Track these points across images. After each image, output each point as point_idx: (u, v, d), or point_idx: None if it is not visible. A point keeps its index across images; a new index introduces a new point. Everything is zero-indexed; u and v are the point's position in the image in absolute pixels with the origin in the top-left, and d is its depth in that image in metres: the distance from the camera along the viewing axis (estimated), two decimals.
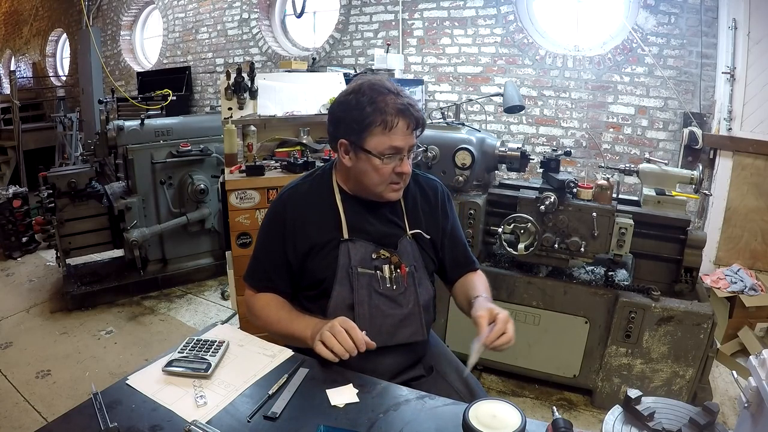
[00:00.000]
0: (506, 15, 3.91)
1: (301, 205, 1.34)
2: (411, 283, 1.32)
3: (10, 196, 4.04)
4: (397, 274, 1.31)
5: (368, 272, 1.29)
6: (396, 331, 1.30)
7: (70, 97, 7.40)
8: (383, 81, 1.26)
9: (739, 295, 2.69)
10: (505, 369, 2.48)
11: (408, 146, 1.25)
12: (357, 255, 1.29)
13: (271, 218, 1.38)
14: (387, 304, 1.29)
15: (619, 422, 0.87)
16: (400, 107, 1.21)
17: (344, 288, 1.28)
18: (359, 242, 1.31)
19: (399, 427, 0.96)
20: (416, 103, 1.27)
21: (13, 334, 2.99)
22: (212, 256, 3.84)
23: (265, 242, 1.38)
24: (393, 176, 1.27)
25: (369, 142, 1.23)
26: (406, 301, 1.31)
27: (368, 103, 1.21)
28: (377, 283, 1.29)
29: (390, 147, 1.23)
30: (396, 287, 1.30)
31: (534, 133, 3.95)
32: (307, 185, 1.39)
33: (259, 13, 5.36)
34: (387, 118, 1.21)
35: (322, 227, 1.32)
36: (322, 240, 1.31)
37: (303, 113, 2.65)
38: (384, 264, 1.30)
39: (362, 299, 1.27)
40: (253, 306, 1.37)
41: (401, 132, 1.23)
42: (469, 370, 1.23)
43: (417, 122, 1.25)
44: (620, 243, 2.12)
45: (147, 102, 4.18)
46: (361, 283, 1.28)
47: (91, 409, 0.98)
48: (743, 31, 2.95)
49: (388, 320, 1.29)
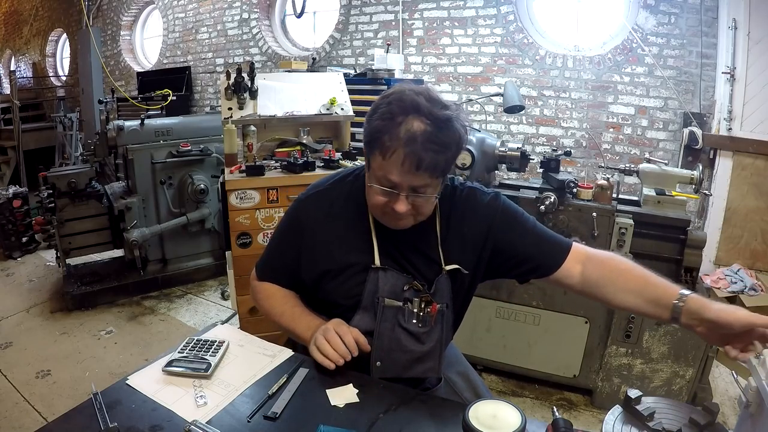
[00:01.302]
0: (506, 15, 3.91)
1: (325, 214, 1.19)
2: (439, 321, 1.18)
3: (10, 196, 4.05)
4: (427, 312, 1.16)
5: (395, 305, 1.15)
6: (412, 366, 1.19)
7: (70, 97, 7.40)
8: (417, 99, 1.02)
9: (739, 295, 2.69)
10: (505, 369, 2.48)
11: (407, 185, 1.04)
12: (387, 285, 1.15)
13: (288, 223, 1.26)
14: (408, 340, 1.17)
15: (619, 422, 0.87)
16: (408, 136, 0.99)
17: (366, 315, 1.16)
18: (391, 272, 1.15)
19: (399, 427, 0.96)
20: (445, 142, 1.01)
21: (13, 334, 2.99)
22: (212, 256, 3.84)
23: (279, 245, 1.28)
24: (388, 209, 1.08)
25: (372, 161, 1.07)
26: (429, 339, 1.18)
27: (384, 115, 1.03)
28: (402, 317, 1.16)
29: (385, 178, 1.04)
30: (422, 325, 1.17)
31: (534, 133, 3.95)
32: (335, 192, 1.22)
33: (259, 13, 5.36)
34: (386, 142, 1.01)
35: (348, 247, 1.17)
36: (347, 262, 1.17)
37: (303, 113, 2.65)
38: (415, 297, 1.16)
39: (383, 332, 1.15)
40: (256, 292, 1.32)
41: (396, 165, 1.02)
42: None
43: (419, 163, 1.00)
44: (620, 243, 2.12)
45: (147, 102, 4.19)
46: (386, 315, 1.15)
47: (91, 409, 0.97)
48: (743, 31, 2.95)
49: (406, 355, 1.17)
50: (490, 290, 2.37)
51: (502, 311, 2.39)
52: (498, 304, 2.38)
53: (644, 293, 1.07)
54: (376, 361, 1.16)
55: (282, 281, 1.29)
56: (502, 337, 2.41)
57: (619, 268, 1.13)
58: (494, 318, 2.40)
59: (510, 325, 2.38)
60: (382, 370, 1.16)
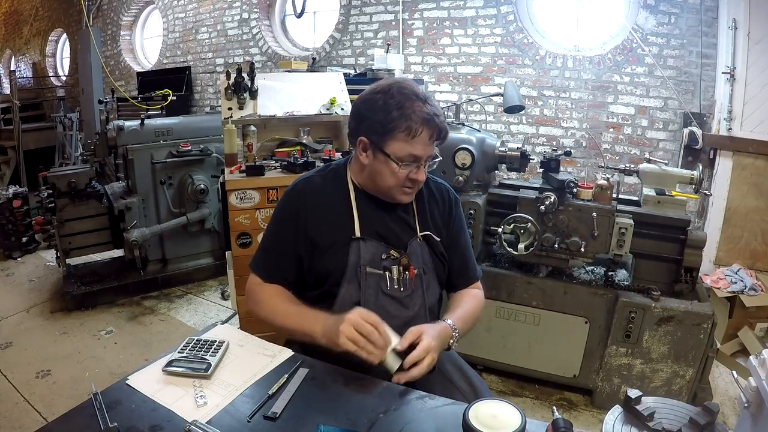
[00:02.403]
0: (506, 15, 3.91)
1: (315, 198, 1.33)
2: (419, 285, 1.31)
3: (10, 196, 4.05)
4: (405, 275, 1.30)
5: (376, 272, 1.28)
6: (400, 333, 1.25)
7: (70, 97, 7.40)
8: (413, 86, 1.25)
9: (739, 295, 2.69)
10: (505, 369, 2.48)
11: (427, 155, 1.25)
12: (367, 254, 1.28)
13: (283, 208, 1.36)
14: (393, 306, 1.29)
15: (619, 422, 0.87)
16: (426, 116, 1.21)
17: (352, 286, 1.27)
18: (370, 242, 1.30)
19: (399, 427, 0.96)
20: (441, 112, 1.26)
21: (13, 334, 2.99)
22: (212, 256, 3.84)
23: (276, 232, 1.36)
24: (407, 181, 1.27)
25: (390, 146, 1.23)
26: (412, 303, 1.30)
27: (396, 107, 1.21)
28: (385, 283, 1.28)
29: (410, 155, 1.23)
30: (403, 289, 1.30)
31: (534, 133, 3.95)
32: (321, 179, 1.37)
33: (259, 13, 5.36)
34: (412, 126, 1.20)
35: (334, 223, 1.31)
36: (333, 236, 1.30)
37: (303, 113, 2.65)
38: (393, 265, 1.29)
39: (369, 299, 1.26)
40: (258, 295, 1.34)
41: (423, 141, 1.23)
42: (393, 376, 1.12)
43: (440, 133, 1.25)
44: (620, 243, 2.12)
45: (147, 102, 4.19)
46: (369, 282, 1.27)
47: (91, 409, 0.98)
48: (743, 31, 2.95)
49: (393, 321, 1.23)
50: (490, 290, 2.37)
51: (502, 311, 2.39)
52: (498, 304, 2.38)
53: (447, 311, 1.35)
54: None
55: (286, 271, 1.33)
56: (502, 337, 2.41)
57: (456, 297, 1.43)
58: (494, 318, 2.40)
59: (510, 325, 2.38)
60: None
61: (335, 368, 1.14)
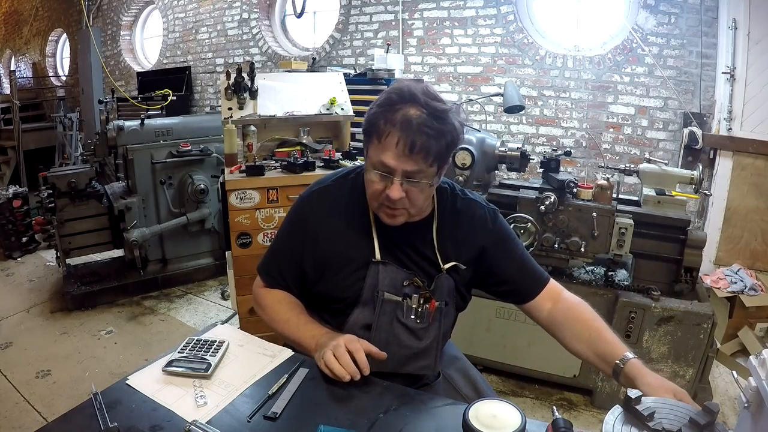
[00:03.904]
0: (506, 15, 3.91)
1: (329, 209, 1.22)
2: (437, 318, 1.21)
3: (10, 196, 4.04)
4: (425, 308, 1.20)
5: (395, 299, 1.18)
6: (408, 362, 1.21)
7: (70, 97, 7.40)
8: (418, 89, 1.06)
9: (739, 295, 2.69)
10: (505, 369, 2.48)
11: (401, 169, 1.06)
12: (387, 279, 1.18)
13: (294, 216, 1.28)
14: (406, 335, 1.20)
15: (619, 422, 0.86)
16: (403, 120, 1.03)
17: (366, 309, 1.19)
18: (391, 266, 1.18)
19: (399, 427, 0.96)
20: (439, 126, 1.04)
21: (13, 334, 2.99)
22: (212, 256, 3.84)
23: (285, 239, 1.29)
24: (384, 198, 1.10)
25: (369, 148, 1.11)
26: (426, 335, 1.21)
27: (383, 103, 1.07)
28: (401, 312, 1.18)
29: (380, 162, 1.07)
30: (420, 321, 1.20)
31: (534, 133, 3.95)
32: (337, 188, 1.25)
33: (259, 13, 5.36)
34: (382, 127, 1.05)
35: (350, 241, 1.20)
36: (349, 255, 1.20)
37: (303, 113, 2.65)
38: (414, 293, 1.19)
39: (382, 326, 1.18)
40: (262, 298, 1.29)
41: (391, 147, 1.05)
42: None
43: (413, 145, 1.03)
44: (620, 243, 2.12)
45: (147, 102, 4.19)
46: (384, 309, 1.17)
47: (91, 409, 0.97)
48: (743, 31, 2.95)
49: (403, 351, 1.20)
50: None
51: (502, 311, 2.39)
52: (498, 304, 2.38)
53: (594, 346, 1.15)
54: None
55: (289, 281, 1.28)
56: (502, 337, 2.41)
57: (581, 318, 1.21)
58: (494, 318, 2.40)
59: (510, 325, 2.38)
60: (377, 363, 1.15)
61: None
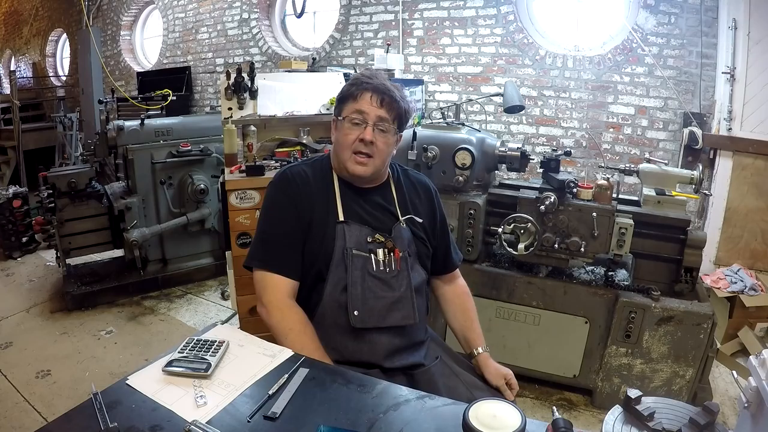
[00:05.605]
0: (506, 15, 3.91)
1: (302, 182, 1.39)
2: (404, 267, 1.37)
3: (10, 196, 4.05)
4: (391, 257, 1.36)
5: (362, 255, 1.34)
6: (388, 314, 1.33)
7: (70, 97, 7.40)
8: (377, 72, 1.41)
9: (739, 295, 2.69)
10: None
11: (374, 115, 1.33)
12: (352, 238, 1.34)
13: (275, 197, 1.40)
14: (380, 287, 1.34)
15: (619, 422, 0.86)
16: (373, 86, 1.34)
17: (340, 269, 1.33)
18: (354, 225, 1.36)
19: (399, 427, 0.96)
20: (398, 93, 1.36)
21: (13, 334, 2.99)
22: (212, 256, 3.84)
23: (272, 218, 1.38)
24: (357, 144, 1.33)
25: (344, 111, 1.36)
26: (398, 284, 1.36)
27: (351, 82, 1.37)
28: (371, 266, 1.34)
29: (355, 110, 1.33)
30: (389, 271, 1.35)
31: (534, 133, 3.95)
32: (306, 167, 1.44)
33: (259, 13, 5.36)
34: (356, 91, 1.34)
35: (320, 207, 1.37)
36: (321, 219, 1.35)
37: (303, 113, 2.66)
38: (378, 248, 1.36)
39: (356, 280, 1.32)
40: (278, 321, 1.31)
41: (366, 101, 1.33)
42: None
43: (382, 99, 1.33)
44: (620, 243, 2.12)
45: (147, 102, 4.19)
46: (355, 264, 1.32)
47: (91, 409, 0.97)
48: (743, 31, 2.95)
49: (380, 302, 1.33)
50: (490, 290, 2.37)
51: (502, 311, 2.39)
52: (498, 304, 2.38)
53: (464, 331, 1.53)
54: (354, 311, 1.30)
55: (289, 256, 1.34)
56: (502, 337, 2.41)
57: (464, 306, 1.57)
58: (494, 318, 2.40)
59: (510, 325, 2.38)
60: (360, 319, 1.30)
61: (335, 368, 1.14)
